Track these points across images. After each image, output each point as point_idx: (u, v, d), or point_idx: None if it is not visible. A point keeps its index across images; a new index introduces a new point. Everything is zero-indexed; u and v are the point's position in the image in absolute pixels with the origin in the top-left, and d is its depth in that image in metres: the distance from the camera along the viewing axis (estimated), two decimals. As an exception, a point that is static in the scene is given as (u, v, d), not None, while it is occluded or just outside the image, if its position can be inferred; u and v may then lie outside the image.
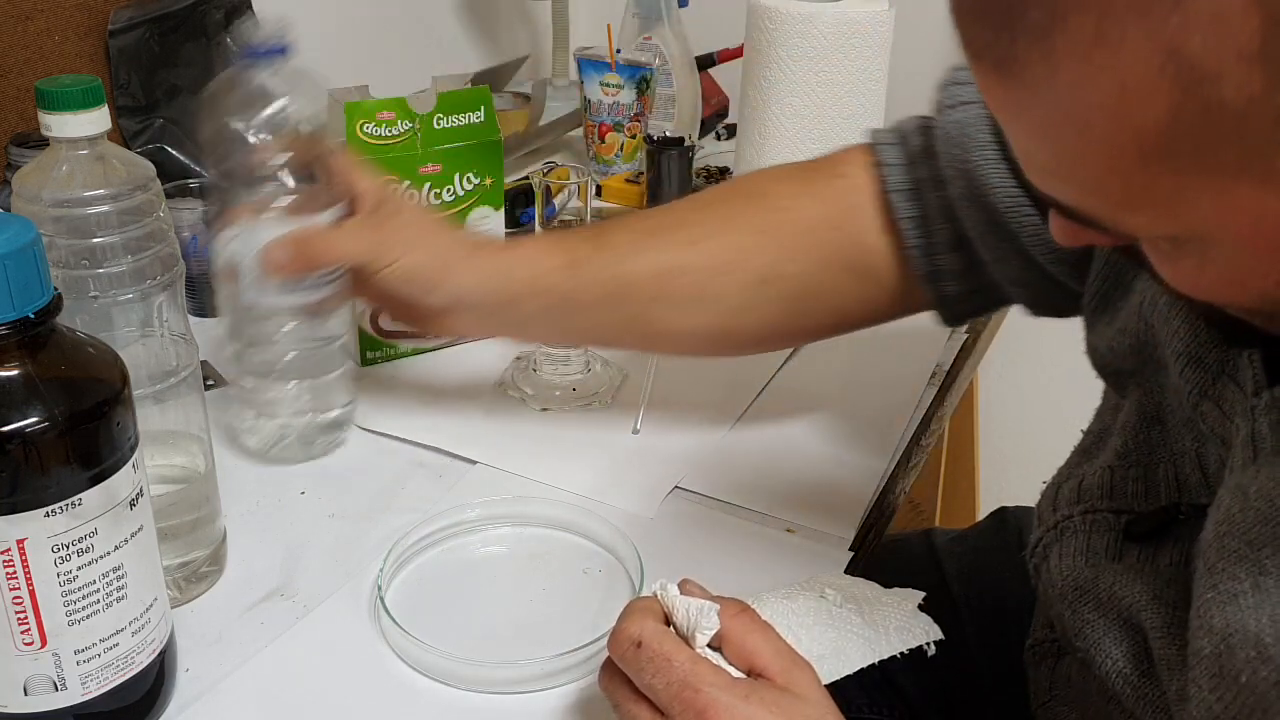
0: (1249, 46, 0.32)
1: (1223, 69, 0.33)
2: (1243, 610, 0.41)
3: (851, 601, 0.57)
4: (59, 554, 0.47)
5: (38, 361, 0.46)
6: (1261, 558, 0.40)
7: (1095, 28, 0.34)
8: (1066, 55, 0.35)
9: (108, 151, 0.58)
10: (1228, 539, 0.43)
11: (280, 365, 0.75)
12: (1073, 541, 0.58)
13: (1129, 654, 0.53)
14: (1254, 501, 0.41)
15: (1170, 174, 0.36)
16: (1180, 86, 0.33)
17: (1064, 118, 0.37)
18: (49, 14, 0.99)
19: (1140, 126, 0.35)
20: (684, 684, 0.47)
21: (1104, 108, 0.35)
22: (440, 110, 0.84)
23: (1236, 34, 0.32)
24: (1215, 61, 0.33)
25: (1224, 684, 0.42)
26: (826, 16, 0.96)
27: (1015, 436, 1.61)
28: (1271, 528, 0.40)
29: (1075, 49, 0.34)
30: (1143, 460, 0.57)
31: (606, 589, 0.66)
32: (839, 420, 0.84)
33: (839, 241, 0.70)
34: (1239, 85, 0.33)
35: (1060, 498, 0.60)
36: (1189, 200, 0.37)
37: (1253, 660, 0.40)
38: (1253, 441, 0.45)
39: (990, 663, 0.77)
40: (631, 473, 0.76)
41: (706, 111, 1.39)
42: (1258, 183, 0.35)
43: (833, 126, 1.00)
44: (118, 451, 0.49)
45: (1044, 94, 0.36)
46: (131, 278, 0.58)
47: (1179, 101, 0.34)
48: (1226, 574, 0.42)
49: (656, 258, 0.70)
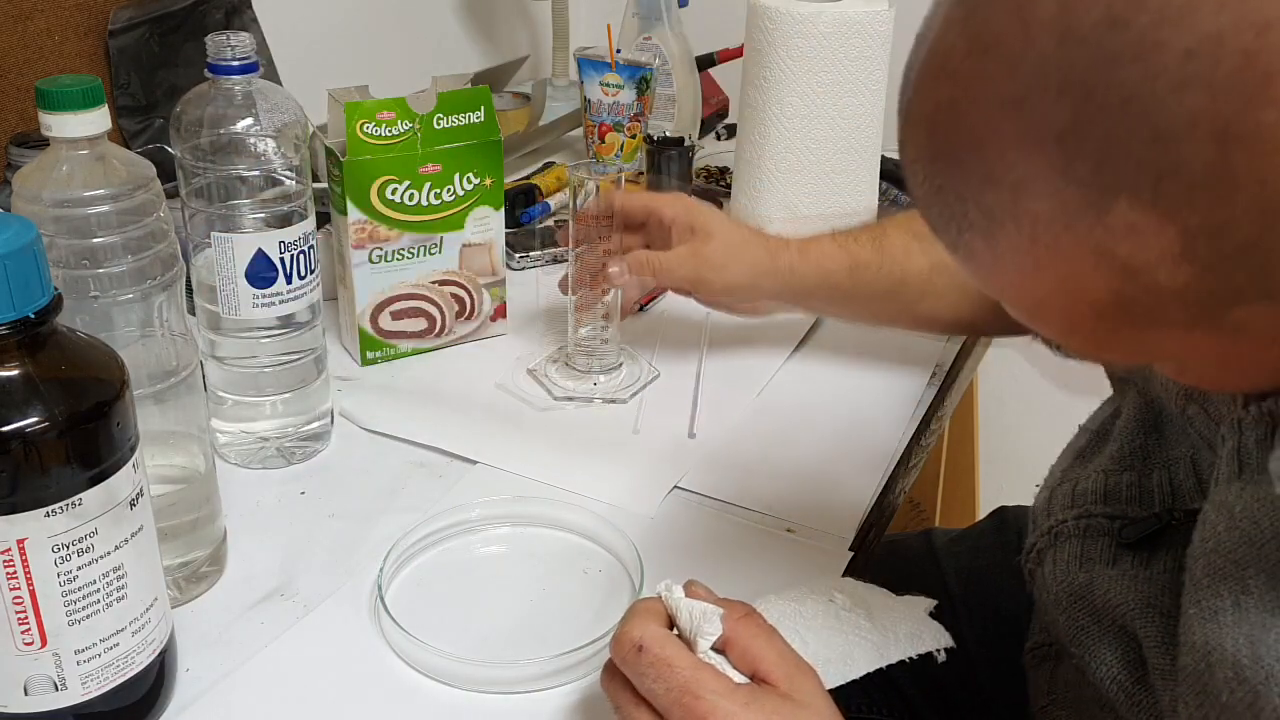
0: (1171, 250, 0.34)
1: (1152, 266, 0.35)
2: (1222, 629, 0.41)
3: (860, 606, 0.57)
4: (59, 554, 0.47)
5: (38, 361, 0.46)
6: (1245, 577, 0.40)
7: (1030, 233, 0.36)
8: (1009, 250, 0.38)
9: (108, 151, 0.58)
10: (1213, 556, 0.42)
11: (259, 377, 0.75)
12: (1067, 546, 0.58)
13: (1123, 661, 0.53)
14: (1238, 521, 0.41)
15: (1129, 328, 0.38)
16: (1118, 276, 0.36)
17: (1019, 293, 0.40)
18: (49, 14, 0.99)
19: (1090, 301, 0.37)
20: (684, 690, 0.47)
21: (1052, 290, 0.38)
22: (440, 110, 0.84)
23: (1156, 241, 0.34)
24: (1143, 261, 0.35)
25: (1207, 702, 0.42)
26: (826, 16, 0.96)
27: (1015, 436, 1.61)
28: (1256, 548, 0.40)
29: (1016, 246, 0.37)
30: (1138, 465, 0.57)
31: (606, 589, 0.66)
32: (839, 420, 0.84)
33: None
34: (1170, 275, 0.35)
35: (1055, 502, 0.60)
36: (1153, 342, 0.39)
37: (1230, 680, 0.40)
38: (1238, 456, 0.45)
39: (990, 664, 0.77)
40: (631, 473, 0.76)
41: (706, 111, 1.39)
42: (1212, 330, 0.37)
43: (833, 126, 1.00)
44: (118, 451, 0.49)
45: (998, 274, 0.40)
46: (131, 278, 0.58)
47: (1119, 286, 0.36)
48: (1210, 590, 0.42)
49: (925, 260, 0.80)
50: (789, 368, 0.91)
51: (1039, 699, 0.64)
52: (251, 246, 0.70)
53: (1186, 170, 0.33)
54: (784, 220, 1.03)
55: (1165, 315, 0.37)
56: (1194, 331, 0.37)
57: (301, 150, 0.71)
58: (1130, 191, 0.34)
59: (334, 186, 0.84)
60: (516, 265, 1.06)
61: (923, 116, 0.39)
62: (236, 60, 0.68)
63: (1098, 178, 0.34)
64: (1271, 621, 0.39)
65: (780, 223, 1.03)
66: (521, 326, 0.95)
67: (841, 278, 0.81)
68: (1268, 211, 0.32)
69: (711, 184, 1.30)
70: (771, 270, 0.81)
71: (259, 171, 0.70)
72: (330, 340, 0.85)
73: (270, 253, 0.70)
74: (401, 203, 0.84)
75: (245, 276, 0.70)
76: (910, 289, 0.81)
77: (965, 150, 0.37)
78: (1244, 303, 0.35)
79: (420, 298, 0.89)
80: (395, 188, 0.84)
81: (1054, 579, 0.57)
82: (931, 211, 0.40)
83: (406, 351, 0.90)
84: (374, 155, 0.82)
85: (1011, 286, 0.40)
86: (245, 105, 0.69)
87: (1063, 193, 0.35)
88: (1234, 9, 0.31)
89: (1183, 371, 0.43)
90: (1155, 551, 0.53)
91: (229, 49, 0.67)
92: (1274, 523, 0.39)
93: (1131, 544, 0.54)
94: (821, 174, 1.01)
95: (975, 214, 0.38)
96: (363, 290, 0.86)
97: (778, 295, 0.83)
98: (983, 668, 0.78)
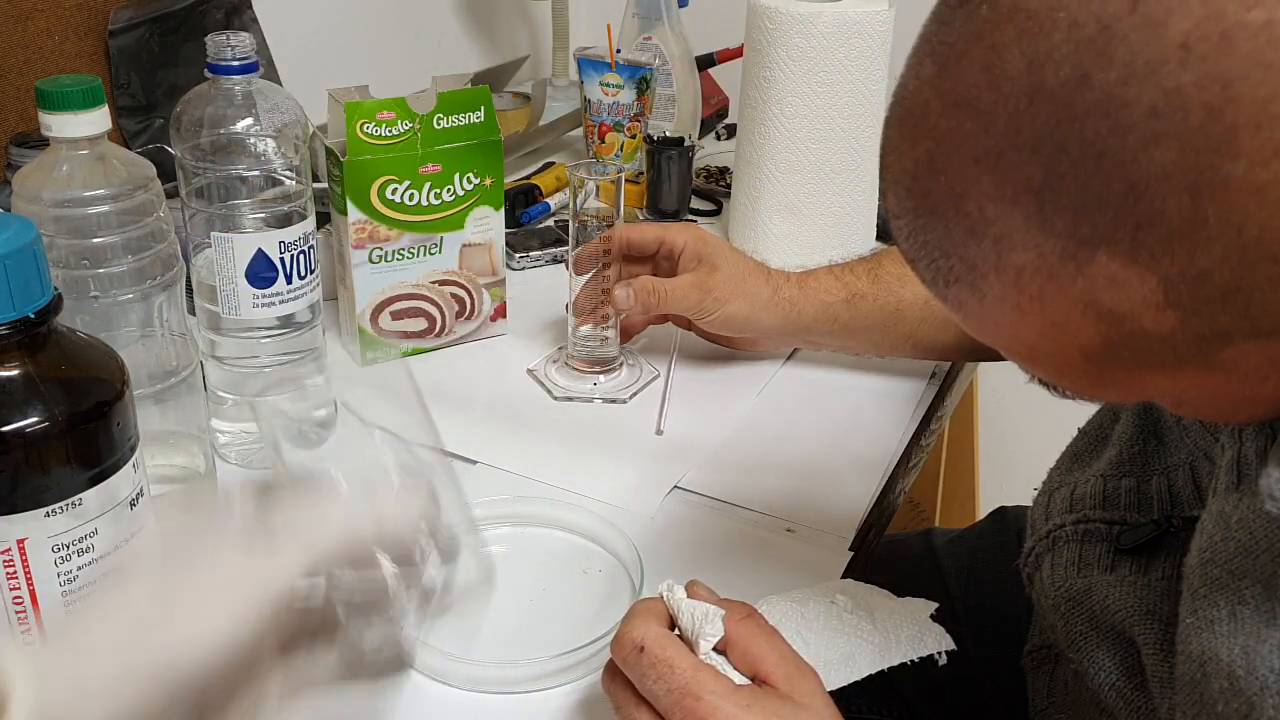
0: (1154, 298, 0.35)
1: (1136, 313, 0.35)
2: (1217, 638, 0.41)
3: (863, 608, 0.57)
4: (59, 554, 0.47)
5: (38, 361, 0.46)
6: (1242, 587, 0.40)
7: (1014, 283, 0.37)
8: (996, 301, 0.38)
9: (108, 151, 0.58)
10: (1210, 566, 0.42)
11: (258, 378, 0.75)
12: (1065, 551, 0.57)
13: (1121, 667, 0.53)
14: (1235, 531, 0.41)
15: (1121, 370, 0.39)
16: (1104, 323, 0.36)
17: (1009, 341, 0.41)
18: (49, 14, 0.99)
19: (1079, 347, 0.38)
20: (685, 691, 0.47)
21: (1041, 337, 0.39)
22: (440, 110, 0.84)
23: (1139, 291, 0.35)
24: (1127, 309, 0.35)
25: (1203, 711, 0.42)
26: (826, 16, 0.96)
27: (1015, 436, 1.61)
28: (1252, 559, 0.40)
29: (1002, 297, 0.38)
30: (1136, 472, 0.57)
31: (606, 589, 0.66)
32: (839, 420, 0.84)
33: None
34: (1155, 322, 0.35)
35: (1053, 506, 0.60)
36: (1146, 382, 0.40)
37: (1225, 691, 0.40)
38: (1238, 467, 0.45)
39: (989, 666, 0.77)
40: (631, 472, 0.76)
41: (706, 111, 1.39)
42: (1203, 369, 0.37)
43: (833, 126, 1.00)
44: (118, 451, 0.48)
45: (987, 324, 0.40)
46: (131, 278, 0.58)
47: (1106, 332, 0.37)
48: (1207, 600, 0.42)
49: (918, 288, 0.78)
50: (789, 368, 0.91)
51: (1038, 701, 0.64)
52: (251, 246, 0.70)
53: (1162, 221, 0.33)
54: (784, 220, 1.03)
55: (1155, 358, 0.37)
56: (1185, 371, 0.38)
57: (301, 150, 0.71)
58: (1109, 243, 0.34)
59: (334, 186, 0.84)
60: (516, 265, 1.06)
61: (903, 172, 0.39)
62: (236, 60, 0.68)
63: (1076, 230, 0.35)
64: (1266, 632, 0.39)
65: (780, 223, 1.03)
66: (521, 326, 0.95)
67: (840, 309, 0.83)
68: (1245, 256, 0.33)
69: (711, 184, 1.30)
70: (772, 303, 0.83)
71: (259, 171, 0.70)
72: (330, 340, 0.85)
73: (270, 253, 0.70)
74: (401, 203, 0.84)
75: (245, 276, 0.70)
76: (908, 317, 0.82)
77: (945, 205, 0.38)
78: (1232, 344, 0.36)
79: (420, 298, 0.89)
80: (395, 188, 0.84)
81: (1052, 584, 0.57)
82: (919, 265, 0.41)
83: (406, 351, 0.90)
84: (374, 155, 0.82)
85: (1001, 335, 0.41)
86: (245, 105, 0.69)
87: (1043, 245, 0.36)
88: (1196, 67, 0.32)
89: (1179, 405, 0.44)
90: (1154, 558, 0.53)
91: (229, 49, 0.67)
92: (1269, 534, 0.39)
93: (1130, 550, 0.54)
94: (821, 174, 1.01)
95: (960, 267, 0.38)
96: (363, 290, 0.86)
97: (778, 329, 0.84)
98: (982, 670, 0.78)
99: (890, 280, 0.83)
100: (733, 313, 0.82)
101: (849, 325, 0.83)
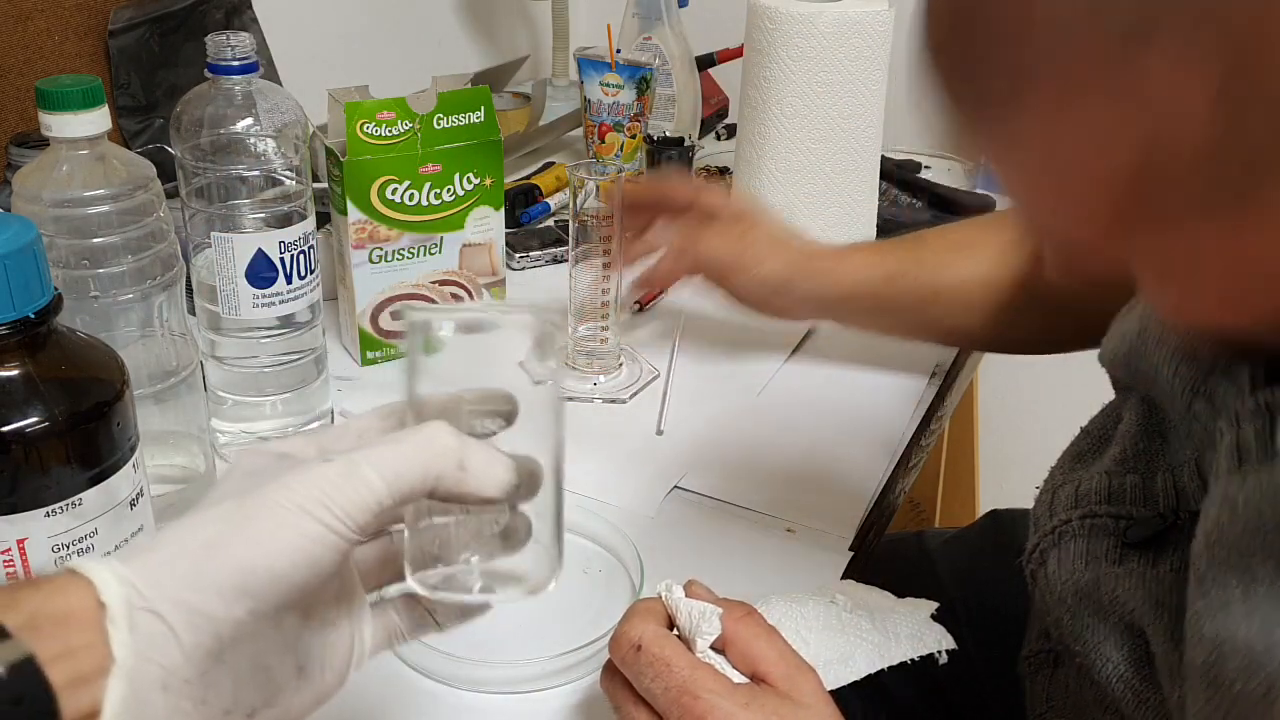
0: (1202, 101, 0.33)
1: (1185, 115, 0.34)
2: (1233, 618, 0.41)
3: (862, 608, 0.57)
4: (59, 554, 0.47)
5: (38, 361, 0.46)
6: (1252, 566, 0.40)
7: (1057, 92, 0.36)
8: (1034, 117, 0.37)
9: (108, 151, 0.58)
10: (1217, 548, 0.42)
11: (259, 377, 0.75)
12: (1071, 545, 0.57)
13: (1130, 658, 0.53)
14: (1241, 511, 0.41)
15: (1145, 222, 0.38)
16: (1146, 134, 0.35)
17: (1041, 166, 0.39)
18: (49, 14, 0.99)
19: (1113, 169, 0.37)
20: (683, 690, 0.47)
21: (1076, 157, 0.37)
22: (440, 110, 0.84)
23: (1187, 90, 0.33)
24: (1175, 109, 0.34)
25: (1219, 694, 0.41)
26: (826, 16, 0.96)
27: (1015, 436, 1.61)
28: (1260, 537, 0.40)
29: (1042, 111, 0.37)
30: (1141, 469, 0.56)
31: (606, 589, 0.66)
32: (839, 420, 0.84)
33: None
34: (1202, 128, 0.34)
35: (1057, 502, 0.60)
36: (1169, 235, 0.38)
37: (1244, 669, 0.40)
38: (1238, 450, 0.45)
39: (986, 668, 0.77)
40: (631, 472, 0.76)
41: (706, 111, 1.39)
42: (1235, 217, 0.36)
43: (833, 126, 1.00)
44: (118, 451, 0.49)
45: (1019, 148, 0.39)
46: (131, 278, 0.58)
47: (1147, 148, 0.35)
48: (1217, 582, 0.42)
49: (959, 272, 0.81)
50: (789, 368, 0.91)
51: (1036, 706, 0.64)
52: (251, 246, 0.70)
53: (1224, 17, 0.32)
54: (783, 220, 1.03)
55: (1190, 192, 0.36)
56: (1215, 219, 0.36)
57: (301, 150, 0.71)
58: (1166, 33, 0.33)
59: (334, 186, 0.84)
60: (516, 265, 1.06)
61: None
62: (236, 60, 0.68)
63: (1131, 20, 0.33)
64: None
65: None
66: (521, 326, 0.95)
67: (878, 284, 0.81)
68: None
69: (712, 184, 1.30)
70: (807, 271, 0.81)
71: (259, 171, 0.70)
72: (330, 340, 0.85)
73: (270, 253, 0.70)
74: (401, 203, 0.84)
75: (245, 276, 0.70)
76: (945, 300, 0.81)
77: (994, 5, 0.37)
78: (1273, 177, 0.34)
79: (420, 298, 0.89)
80: (395, 188, 0.84)
81: (1058, 578, 0.57)
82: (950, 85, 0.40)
83: (406, 351, 0.90)
84: (374, 155, 0.82)
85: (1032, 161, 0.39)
86: (245, 105, 0.69)
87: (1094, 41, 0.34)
88: None
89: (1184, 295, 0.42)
90: (1161, 551, 0.53)
91: (229, 49, 0.67)
92: (1277, 509, 0.39)
93: (1137, 544, 0.54)
94: (821, 174, 1.01)
95: (1001, 81, 0.37)
96: (363, 290, 0.86)
97: (809, 298, 0.82)
98: (979, 672, 0.78)
99: (932, 262, 0.82)
100: (770, 271, 0.81)
101: (884, 302, 0.82)
